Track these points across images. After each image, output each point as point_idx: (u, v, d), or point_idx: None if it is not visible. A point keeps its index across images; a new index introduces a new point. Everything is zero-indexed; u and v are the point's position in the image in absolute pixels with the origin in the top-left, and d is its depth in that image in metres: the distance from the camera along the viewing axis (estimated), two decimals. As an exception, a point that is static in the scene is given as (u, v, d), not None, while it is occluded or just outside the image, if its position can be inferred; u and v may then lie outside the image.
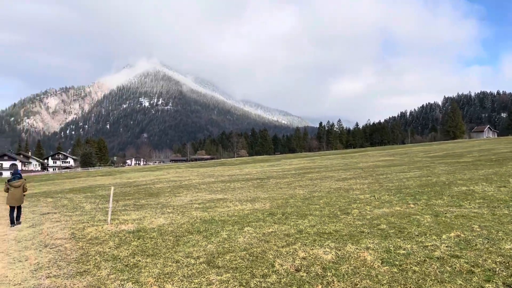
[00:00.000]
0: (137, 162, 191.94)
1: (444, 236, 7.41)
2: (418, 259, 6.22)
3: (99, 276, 6.26)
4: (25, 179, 12.88)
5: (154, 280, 5.93)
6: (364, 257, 6.46)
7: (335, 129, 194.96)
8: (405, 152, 59.31)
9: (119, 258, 7.18)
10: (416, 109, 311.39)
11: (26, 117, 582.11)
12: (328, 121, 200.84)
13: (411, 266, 5.93)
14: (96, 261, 7.05)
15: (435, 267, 5.81)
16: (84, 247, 8.24)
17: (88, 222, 11.32)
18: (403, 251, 6.70)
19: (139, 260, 6.97)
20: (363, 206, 11.57)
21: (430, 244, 6.98)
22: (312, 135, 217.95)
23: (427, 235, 7.57)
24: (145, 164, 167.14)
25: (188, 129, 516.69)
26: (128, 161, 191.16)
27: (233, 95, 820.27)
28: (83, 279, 6.17)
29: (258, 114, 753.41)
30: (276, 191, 18.14)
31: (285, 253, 6.92)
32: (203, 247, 7.71)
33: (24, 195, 12.66)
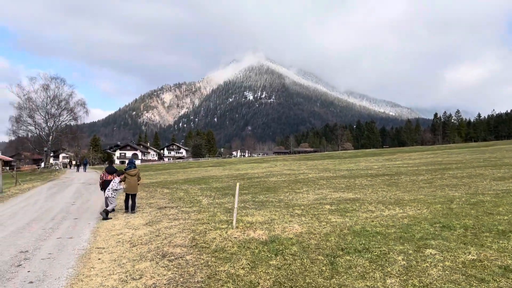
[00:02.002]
0: (242, 154, 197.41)
1: None
2: None
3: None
4: (138, 169, 13.21)
5: None
6: None
7: (452, 120, 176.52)
8: (554, 146, 49.78)
9: (261, 290, 5.00)
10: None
11: (145, 111, 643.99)
12: (445, 112, 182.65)
13: None
14: (230, 292, 4.96)
15: None
16: (210, 263, 6.29)
17: (209, 223, 9.57)
18: None
19: (291, 298, 4.69)
20: None
21: None
22: (424, 127, 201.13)
23: None
24: (250, 156, 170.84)
25: (290, 121, 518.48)
26: (234, 153, 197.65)
27: (337, 86, 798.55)
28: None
29: (363, 105, 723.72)
30: (419, 191, 14.81)
31: (542, 314, 4.04)
32: (380, 282, 5.15)
33: (138, 183, 12.99)
